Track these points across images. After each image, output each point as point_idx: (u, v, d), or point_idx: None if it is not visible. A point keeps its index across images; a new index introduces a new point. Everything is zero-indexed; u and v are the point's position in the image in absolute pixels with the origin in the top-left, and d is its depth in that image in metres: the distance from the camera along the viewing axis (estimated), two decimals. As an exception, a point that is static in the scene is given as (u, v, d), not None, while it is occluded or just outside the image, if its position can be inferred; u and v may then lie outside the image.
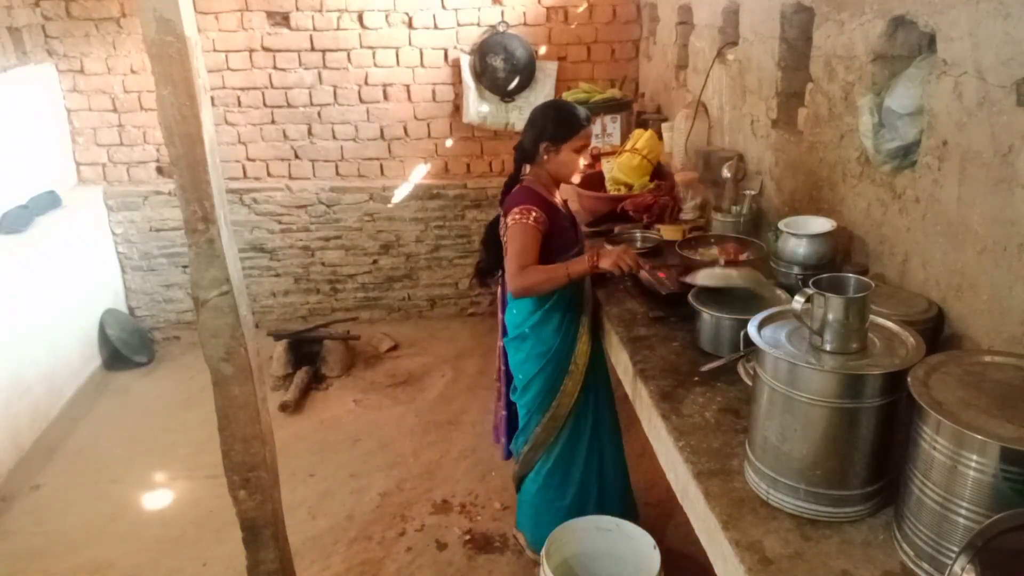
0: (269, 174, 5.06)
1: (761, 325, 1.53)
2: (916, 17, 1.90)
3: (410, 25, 4.77)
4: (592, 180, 3.48)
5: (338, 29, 4.75)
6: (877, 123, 2.10)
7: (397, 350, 4.94)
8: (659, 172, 3.53)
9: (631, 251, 2.49)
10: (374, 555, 3.17)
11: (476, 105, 4.86)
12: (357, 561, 3.14)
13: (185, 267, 4.84)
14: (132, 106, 4.86)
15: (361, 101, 4.92)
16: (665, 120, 3.98)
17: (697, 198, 3.04)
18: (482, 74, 4.78)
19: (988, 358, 1.35)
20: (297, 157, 5.03)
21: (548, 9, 4.82)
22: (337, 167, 5.06)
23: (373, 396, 4.43)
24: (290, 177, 5.07)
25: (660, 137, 3.68)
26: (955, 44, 1.73)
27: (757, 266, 2.33)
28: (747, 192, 2.79)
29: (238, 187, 4.97)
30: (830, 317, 1.40)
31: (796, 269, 2.23)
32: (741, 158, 3.04)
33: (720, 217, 2.79)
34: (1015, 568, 1.07)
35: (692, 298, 2.18)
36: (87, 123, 4.89)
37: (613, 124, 4.13)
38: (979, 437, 1.14)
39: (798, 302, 1.43)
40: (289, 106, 4.90)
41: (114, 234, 5.07)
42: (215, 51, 4.71)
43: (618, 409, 2.97)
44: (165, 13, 1.92)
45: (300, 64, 4.81)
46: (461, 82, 4.83)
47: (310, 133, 4.98)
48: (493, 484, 3.56)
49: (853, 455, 1.41)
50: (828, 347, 1.41)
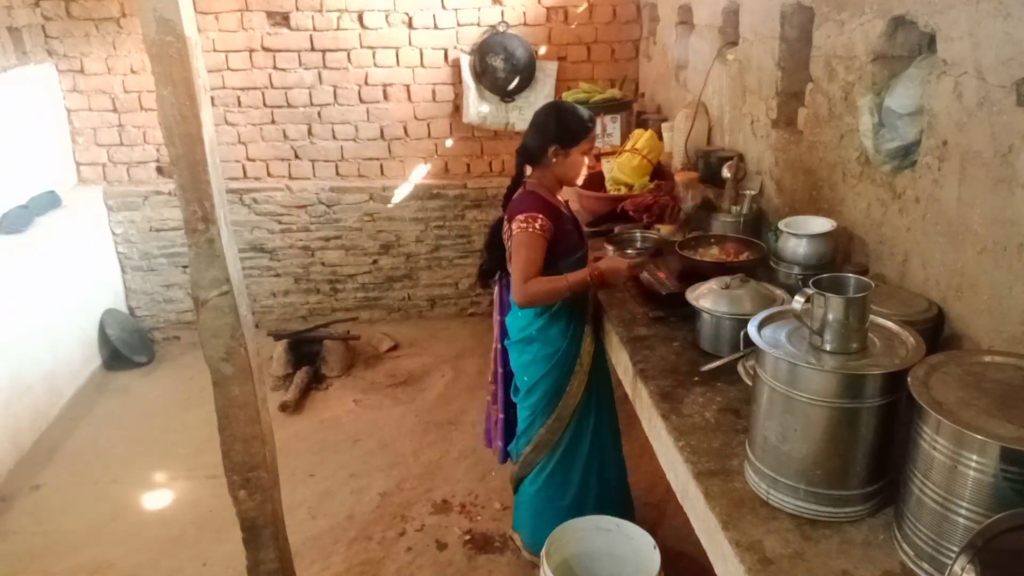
0: (269, 174, 5.06)
1: (761, 325, 1.53)
2: (916, 17, 1.90)
3: (410, 25, 4.77)
4: (592, 180, 3.47)
5: (338, 29, 4.75)
6: (877, 123, 2.10)
7: (397, 350, 4.94)
8: (659, 172, 3.53)
9: (624, 266, 2.47)
10: (374, 555, 3.17)
11: (476, 105, 4.86)
12: (357, 561, 3.14)
13: (185, 267, 4.84)
14: (132, 106, 4.86)
15: (361, 101, 4.92)
16: (665, 120, 3.98)
17: (698, 199, 3.04)
18: (482, 74, 4.78)
19: (988, 358, 1.35)
20: (297, 157, 5.03)
21: (548, 9, 4.82)
22: (337, 167, 5.06)
23: (373, 396, 4.43)
24: (290, 177, 5.07)
25: (660, 137, 3.68)
26: (955, 44, 1.73)
27: (757, 270, 2.33)
28: (747, 192, 2.79)
29: (238, 187, 4.97)
30: (830, 317, 1.40)
31: (796, 269, 2.23)
32: (741, 158, 3.04)
33: (720, 217, 2.79)
34: (1015, 568, 1.07)
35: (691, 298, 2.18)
36: (87, 123, 4.89)
37: (613, 124, 4.13)
38: (979, 437, 1.14)
39: (798, 302, 1.43)
40: (289, 106, 4.91)
41: (114, 234, 5.07)
42: (215, 51, 4.71)
43: (618, 409, 2.97)
44: (165, 13, 1.92)
45: (300, 64, 4.81)
46: (461, 82, 4.83)
47: (310, 133, 4.98)
48: (493, 484, 3.56)
49: (853, 455, 1.41)
50: (828, 347, 1.41)
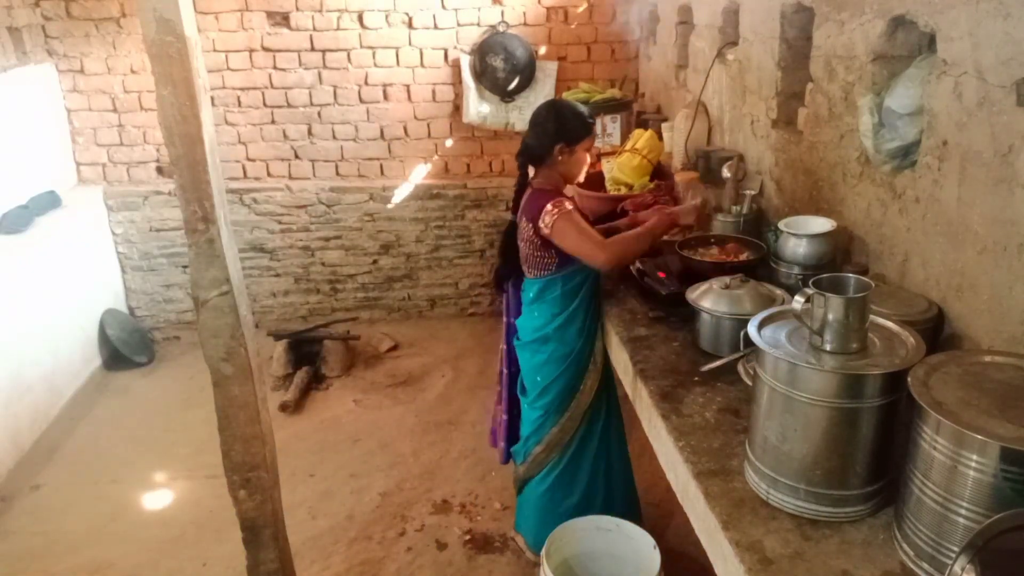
0: (269, 174, 5.06)
1: (761, 325, 1.53)
2: (916, 17, 1.90)
3: (410, 25, 4.77)
4: (592, 180, 3.47)
5: (338, 29, 4.75)
6: (877, 123, 2.10)
7: (397, 350, 4.94)
8: (659, 172, 3.53)
9: (691, 207, 2.60)
10: (374, 555, 3.17)
11: (476, 105, 4.86)
12: (357, 561, 3.14)
13: (185, 267, 4.84)
14: (132, 106, 4.86)
15: (361, 101, 4.92)
16: (665, 120, 3.98)
17: (697, 198, 3.04)
18: (482, 74, 4.78)
19: (988, 358, 1.35)
20: (297, 157, 5.03)
21: (548, 9, 4.82)
22: (337, 167, 5.06)
23: (373, 396, 4.43)
24: (290, 177, 5.07)
25: (660, 137, 3.68)
26: (955, 44, 1.73)
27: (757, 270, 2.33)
28: (747, 192, 2.79)
29: (238, 187, 4.97)
30: (830, 317, 1.40)
31: (796, 269, 2.23)
32: (741, 158, 3.04)
33: (720, 217, 2.79)
34: (1015, 568, 1.07)
35: (691, 298, 2.18)
36: (87, 123, 4.89)
37: (613, 124, 4.13)
38: (979, 437, 1.14)
39: (798, 302, 1.43)
40: (289, 106, 4.91)
41: (114, 234, 5.07)
42: (215, 51, 4.71)
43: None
44: (165, 13, 1.92)
45: (300, 64, 4.81)
46: (461, 82, 4.83)
47: (310, 133, 4.98)
48: (493, 484, 3.57)
49: (853, 455, 1.41)
50: (828, 347, 1.41)
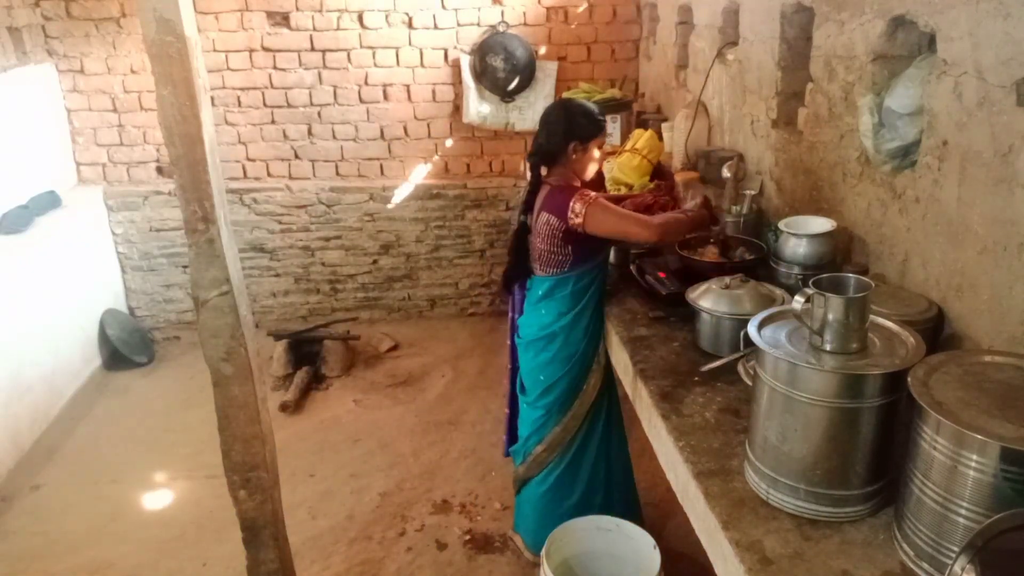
0: (269, 174, 5.06)
1: (761, 325, 1.53)
2: (916, 17, 1.90)
3: (410, 25, 4.77)
4: (592, 180, 3.47)
5: (338, 29, 4.75)
6: (877, 123, 2.10)
7: (397, 350, 4.94)
8: (659, 172, 3.53)
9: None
10: (374, 555, 3.17)
11: (476, 105, 4.86)
12: (357, 561, 3.14)
13: (185, 267, 4.84)
14: (132, 106, 4.85)
15: (361, 101, 4.92)
16: (665, 120, 3.98)
17: (697, 198, 3.05)
18: (482, 74, 4.78)
19: (988, 358, 1.35)
20: (297, 157, 5.03)
21: (548, 9, 4.82)
22: (337, 167, 5.06)
23: (373, 396, 4.43)
24: (290, 177, 5.07)
25: (660, 137, 3.68)
26: (955, 44, 1.73)
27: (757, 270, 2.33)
28: (747, 192, 2.79)
29: (238, 187, 4.97)
30: (830, 317, 1.40)
31: (796, 269, 2.23)
32: (741, 158, 3.04)
33: (720, 217, 2.78)
34: (1015, 568, 1.07)
35: (691, 298, 2.18)
36: (87, 123, 4.89)
37: (613, 124, 4.13)
38: (979, 437, 1.14)
39: (798, 302, 1.43)
40: (289, 106, 4.90)
41: (114, 234, 5.06)
42: (215, 51, 4.71)
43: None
44: (165, 13, 1.92)
45: (300, 64, 4.81)
46: (461, 82, 4.83)
47: (310, 133, 4.98)
48: (493, 484, 3.57)
49: (853, 455, 1.41)
50: (828, 347, 1.41)
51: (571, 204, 2.48)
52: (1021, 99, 1.54)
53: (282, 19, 4.72)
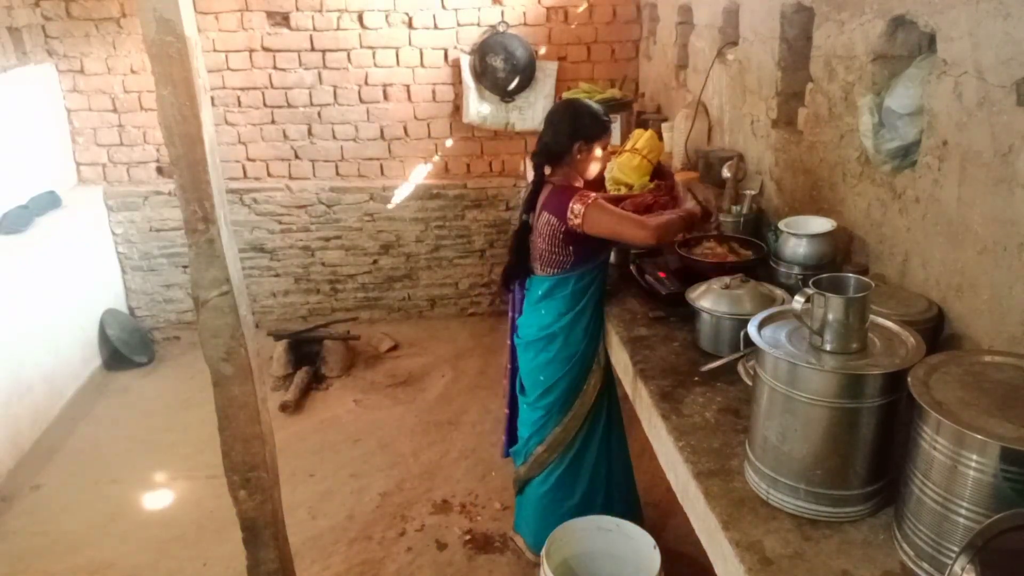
0: (269, 174, 5.06)
1: (761, 325, 1.53)
2: (916, 17, 1.90)
3: (410, 25, 4.77)
4: (592, 180, 3.47)
5: (338, 29, 4.74)
6: (877, 123, 2.10)
7: (397, 350, 4.94)
8: (659, 172, 3.53)
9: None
10: (374, 555, 3.17)
11: (476, 105, 4.86)
12: (357, 561, 3.14)
13: (185, 267, 4.84)
14: (132, 106, 4.85)
15: (361, 101, 4.92)
16: (665, 120, 3.98)
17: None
18: (482, 74, 4.78)
19: (988, 358, 1.35)
20: (297, 157, 5.03)
21: (548, 9, 4.82)
22: (337, 167, 5.06)
23: (373, 396, 4.43)
24: (290, 177, 5.07)
25: (660, 137, 3.68)
26: (955, 44, 1.73)
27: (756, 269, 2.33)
28: (747, 192, 2.79)
29: (238, 187, 4.97)
30: (830, 317, 1.40)
31: (796, 269, 2.23)
32: (741, 158, 3.04)
33: (720, 217, 2.79)
34: (1015, 568, 1.07)
35: (691, 298, 2.18)
36: (87, 123, 4.88)
37: (613, 124, 4.13)
38: (979, 437, 1.14)
39: (798, 302, 1.43)
40: (289, 106, 4.90)
41: (114, 234, 5.06)
42: (215, 51, 4.71)
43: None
44: (165, 13, 1.92)
45: (300, 64, 4.81)
46: (461, 82, 4.83)
47: (310, 133, 4.98)
48: (493, 484, 3.57)
49: (853, 455, 1.41)
50: (828, 347, 1.41)
51: (570, 205, 2.49)
52: (1021, 99, 1.54)
53: (282, 19, 4.72)
